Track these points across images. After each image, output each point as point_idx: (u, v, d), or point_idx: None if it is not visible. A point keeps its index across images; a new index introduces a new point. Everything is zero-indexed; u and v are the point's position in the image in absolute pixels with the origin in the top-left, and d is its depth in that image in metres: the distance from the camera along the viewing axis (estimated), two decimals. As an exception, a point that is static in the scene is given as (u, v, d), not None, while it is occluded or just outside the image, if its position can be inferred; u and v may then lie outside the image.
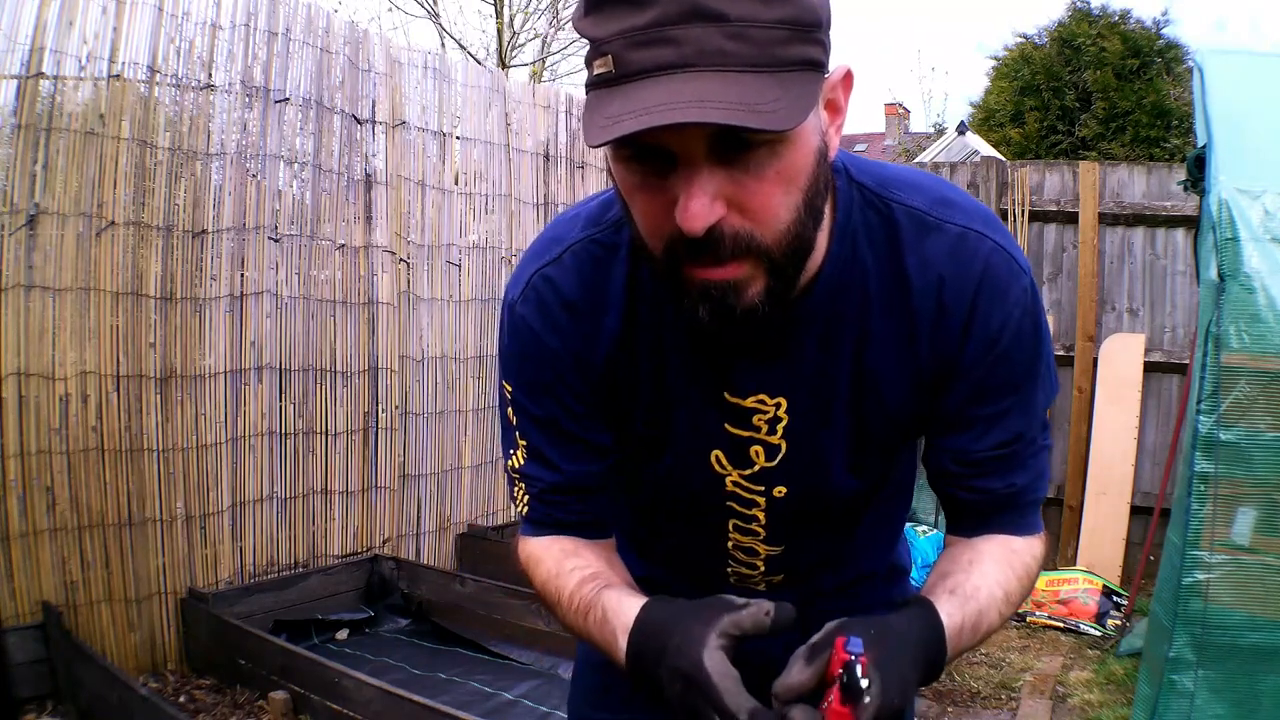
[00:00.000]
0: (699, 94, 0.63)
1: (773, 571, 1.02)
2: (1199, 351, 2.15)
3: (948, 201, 0.86)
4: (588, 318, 0.89)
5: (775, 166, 0.69)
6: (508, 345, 0.93)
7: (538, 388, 0.91)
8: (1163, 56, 6.93)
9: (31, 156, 2.67)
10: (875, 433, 0.91)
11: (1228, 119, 2.29)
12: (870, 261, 0.84)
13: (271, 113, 3.27)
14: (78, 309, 2.79)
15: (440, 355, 3.98)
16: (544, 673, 3.04)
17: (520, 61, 10.83)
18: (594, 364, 0.90)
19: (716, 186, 0.68)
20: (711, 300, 0.73)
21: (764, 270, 0.73)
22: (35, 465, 2.72)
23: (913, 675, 0.74)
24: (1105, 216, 4.35)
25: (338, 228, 3.53)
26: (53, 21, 2.66)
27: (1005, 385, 0.87)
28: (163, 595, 3.02)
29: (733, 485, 0.93)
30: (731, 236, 0.70)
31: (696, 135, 0.66)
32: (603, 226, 0.89)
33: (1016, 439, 0.89)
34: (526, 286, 0.90)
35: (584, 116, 0.69)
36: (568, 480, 0.94)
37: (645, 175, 0.71)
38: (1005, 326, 0.84)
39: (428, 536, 3.95)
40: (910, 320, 0.85)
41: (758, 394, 0.87)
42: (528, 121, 4.36)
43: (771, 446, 0.90)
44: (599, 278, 0.88)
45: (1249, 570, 2.09)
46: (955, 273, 0.83)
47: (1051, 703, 2.98)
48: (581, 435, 0.93)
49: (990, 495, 0.90)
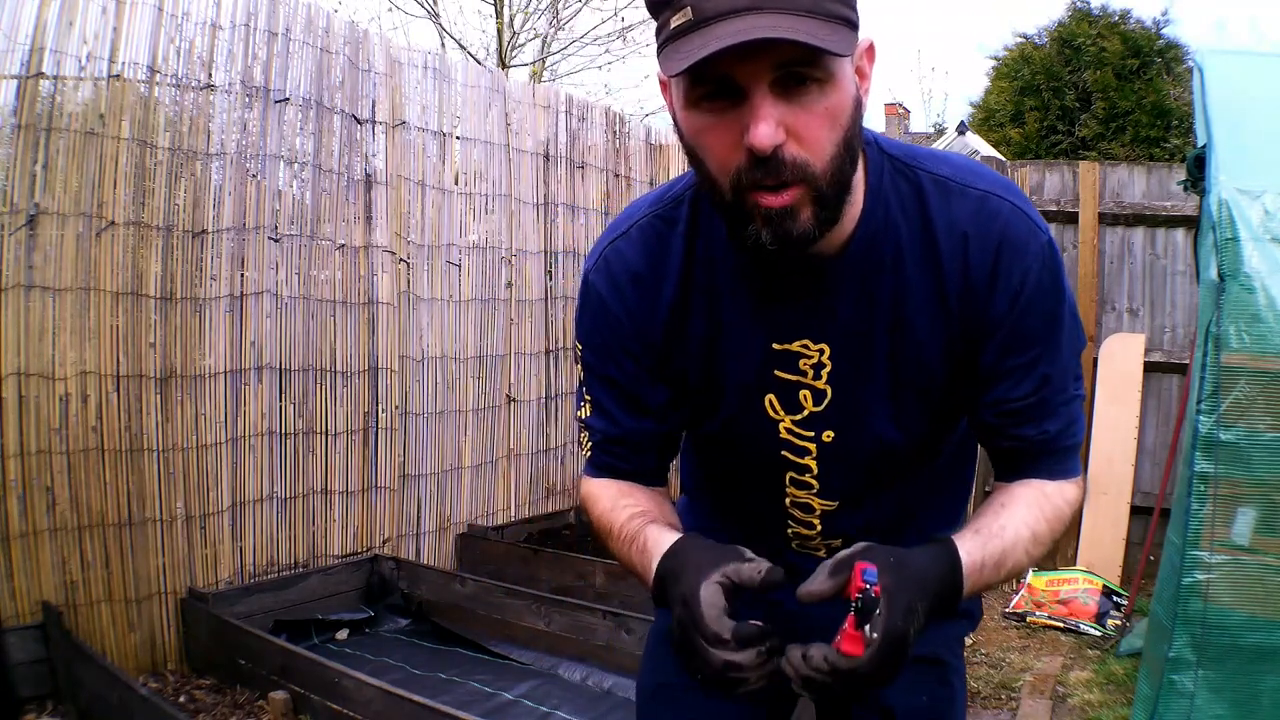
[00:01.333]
0: (771, 25, 0.76)
1: (830, 534, 1.10)
2: (1199, 351, 2.15)
3: (970, 170, 0.96)
4: (650, 286, 1.01)
5: (824, 103, 0.81)
6: (580, 310, 1.06)
7: (603, 349, 1.04)
8: (1163, 56, 6.93)
9: (31, 156, 2.67)
10: (911, 381, 0.98)
11: (1228, 119, 2.29)
12: (901, 222, 0.94)
13: (271, 113, 3.27)
14: (78, 309, 2.79)
15: (440, 355, 3.98)
16: (544, 673, 3.04)
17: (520, 61, 10.82)
18: (654, 329, 1.02)
19: (779, 114, 0.80)
20: (772, 224, 0.84)
21: (813, 199, 0.84)
22: (35, 465, 2.71)
23: (922, 605, 0.82)
24: (1105, 216, 4.34)
25: (338, 228, 3.53)
26: (53, 21, 2.66)
27: (1032, 336, 0.94)
28: (163, 595, 3.02)
29: (785, 432, 1.02)
30: (790, 161, 0.81)
31: (764, 67, 0.78)
32: (665, 204, 1.02)
33: (1046, 387, 0.96)
34: (599, 258, 1.04)
35: (663, 59, 0.81)
36: (624, 434, 1.07)
37: (715, 113, 0.82)
38: (1026, 279, 0.92)
39: (428, 536, 3.95)
40: (940, 277, 0.94)
41: (802, 339, 0.97)
42: (528, 121, 4.36)
43: (818, 391, 0.99)
44: (660, 249, 1.01)
45: (1249, 570, 2.09)
46: (978, 232, 0.93)
47: (1051, 703, 2.98)
48: (639, 394, 1.05)
49: (1026, 442, 0.98)
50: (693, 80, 0.81)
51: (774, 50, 0.77)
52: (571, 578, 3.51)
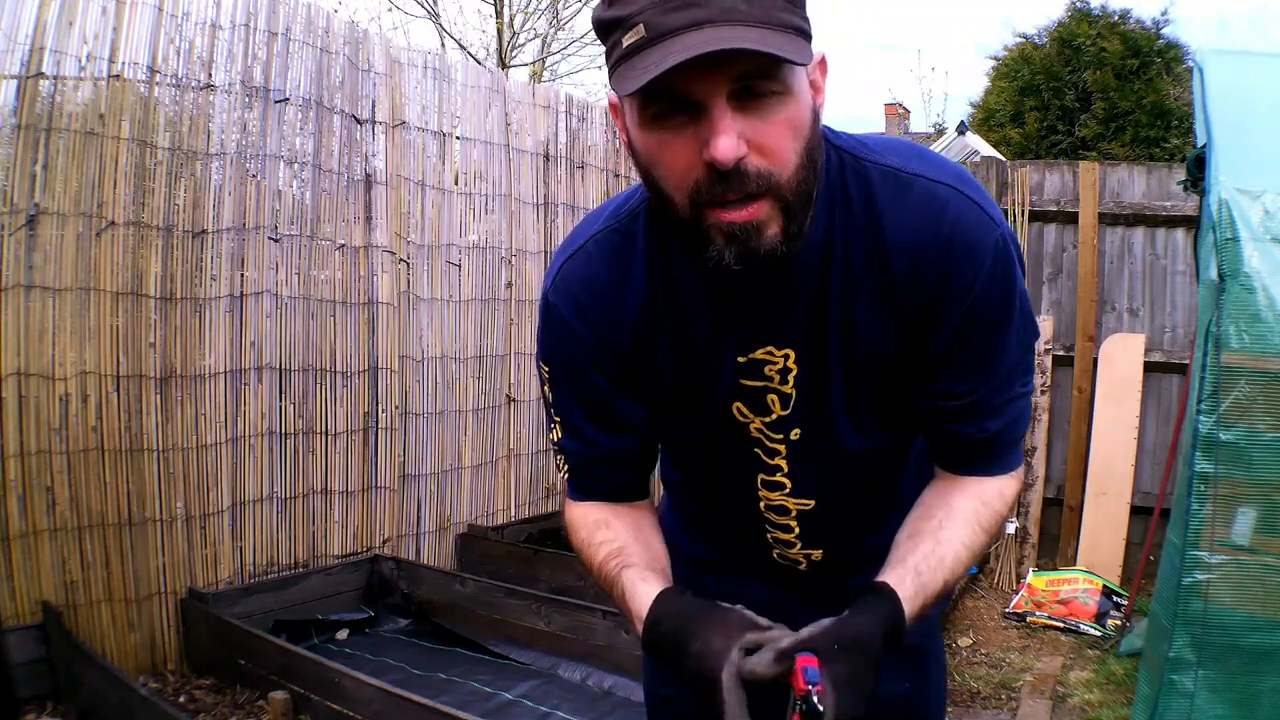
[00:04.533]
0: (728, 37, 0.74)
1: (810, 543, 1.09)
2: (1199, 351, 2.15)
3: (922, 159, 0.93)
4: (612, 300, 0.98)
5: (784, 114, 0.80)
6: (542, 331, 1.03)
7: (569, 369, 1.02)
8: (1163, 56, 6.92)
9: (31, 156, 2.67)
10: (866, 377, 0.97)
11: (1228, 119, 2.29)
12: (851, 221, 0.92)
13: (271, 113, 3.27)
14: (78, 309, 2.79)
15: (440, 355, 3.98)
16: (544, 673, 3.04)
17: (520, 61, 10.82)
18: (620, 343, 0.99)
19: (739, 127, 0.78)
20: (736, 242, 0.81)
21: (779, 211, 0.82)
22: (35, 465, 2.71)
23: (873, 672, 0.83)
24: (1105, 216, 4.34)
25: (338, 228, 3.53)
26: (53, 21, 2.66)
27: (979, 334, 0.93)
28: (163, 595, 3.02)
29: (755, 432, 1.01)
30: (755, 173, 0.79)
31: (722, 81, 0.77)
32: (621, 217, 1.00)
33: (988, 385, 0.95)
34: (557, 276, 1.01)
35: (616, 79, 0.79)
36: (600, 453, 1.05)
37: (672, 130, 0.80)
38: (979, 275, 0.90)
39: (428, 536, 3.95)
40: (889, 275, 0.92)
41: (765, 346, 0.96)
42: (528, 121, 4.36)
43: (785, 395, 0.98)
44: (620, 262, 0.98)
45: (1249, 570, 2.09)
46: (929, 225, 0.90)
47: (1051, 703, 2.98)
48: (610, 411, 1.03)
49: (965, 438, 0.98)
50: (647, 98, 0.79)
51: (732, 63, 0.76)
52: (571, 578, 3.50)
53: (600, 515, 1.07)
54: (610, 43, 0.81)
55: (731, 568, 1.18)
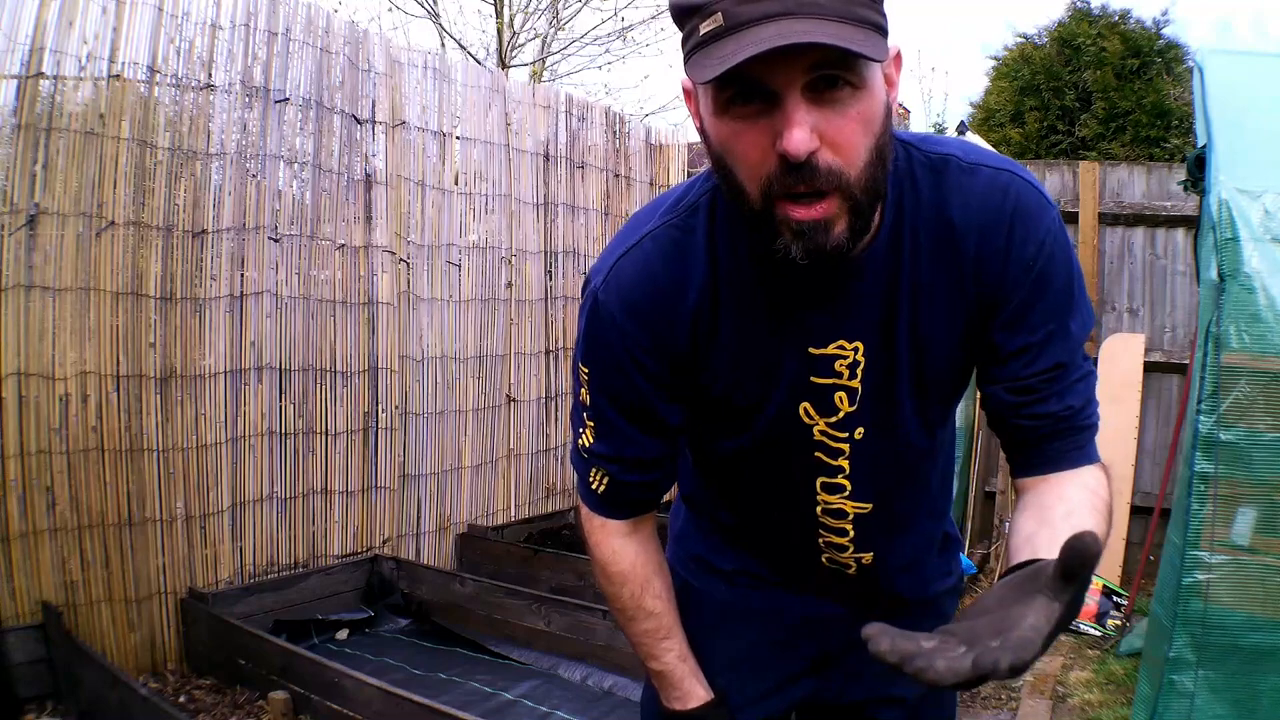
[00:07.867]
0: (805, 30, 0.74)
1: (863, 545, 1.07)
2: (1199, 351, 2.15)
3: (978, 150, 0.97)
4: (670, 298, 0.96)
5: (857, 108, 0.80)
6: (586, 331, 1.00)
7: (614, 369, 0.99)
8: (1163, 56, 6.91)
9: (31, 156, 2.67)
10: (932, 368, 0.98)
11: (1228, 119, 2.29)
12: (920, 210, 0.94)
13: (271, 113, 3.27)
14: (78, 309, 2.79)
15: (440, 355, 3.98)
16: (544, 673, 3.04)
17: (520, 61, 10.81)
18: (676, 342, 0.97)
19: (813, 120, 0.78)
20: (804, 238, 0.82)
21: (847, 209, 0.82)
22: (35, 465, 2.71)
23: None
24: (1105, 216, 4.34)
25: (338, 228, 3.53)
26: (53, 21, 2.66)
27: (1045, 309, 0.94)
28: (163, 595, 3.02)
29: (820, 434, 1.00)
30: (825, 168, 0.79)
31: (797, 71, 0.77)
32: (678, 212, 0.98)
33: (1062, 363, 0.95)
34: (609, 273, 0.97)
35: (691, 66, 0.80)
36: (636, 452, 1.03)
37: (746, 118, 0.80)
38: (1040, 251, 0.92)
39: (428, 536, 3.95)
40: (957, 261, 0.94)
41: (837, 340, 0.96)
42: (528, 121, 4.36)
43: (852, 391, 0.98)
44: (679, 259, 0.96)
45: (1249, 570, 2.09)
46: (993, 206, 0.92)
47: (1051, 703, 2.98)
48: (651, 412, 1.01)
49: (1049, 419, 0.95)
50: (722, 84, 0.79)
51: (808, 55, 0.76)
52: (571, 578, 3.50)
53: (644, 554, 1.09)
54: (688, 28, 0.81)
55: (773, 578, 1.16)
